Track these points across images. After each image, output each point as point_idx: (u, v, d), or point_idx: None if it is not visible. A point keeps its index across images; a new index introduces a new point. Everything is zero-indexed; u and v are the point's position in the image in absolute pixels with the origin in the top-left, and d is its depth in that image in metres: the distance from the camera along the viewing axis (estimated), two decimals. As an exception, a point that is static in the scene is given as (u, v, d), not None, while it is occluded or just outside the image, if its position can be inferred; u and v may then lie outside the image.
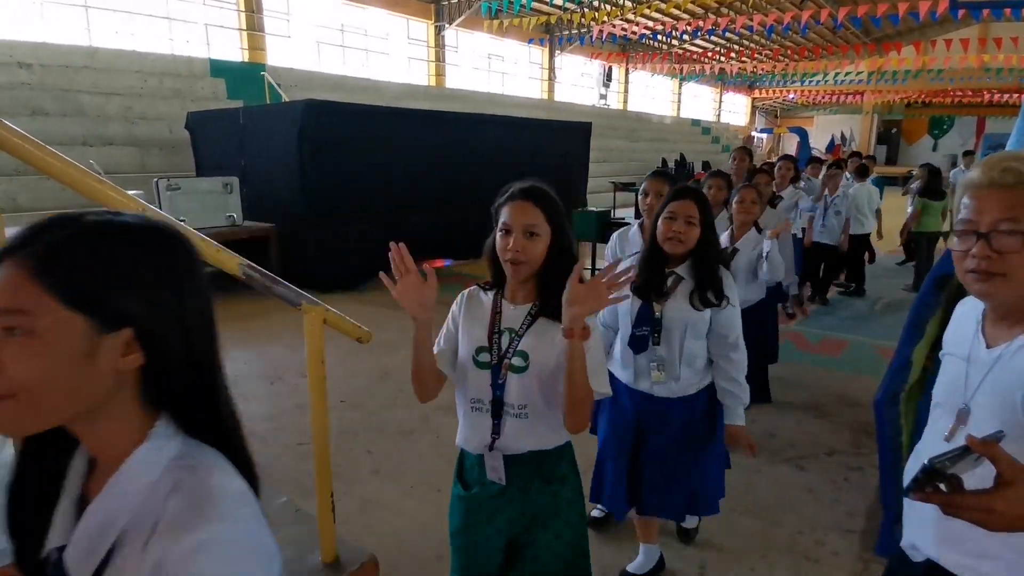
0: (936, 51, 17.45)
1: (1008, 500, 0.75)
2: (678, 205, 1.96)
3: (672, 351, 2.03)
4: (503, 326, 1.43)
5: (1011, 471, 0.75)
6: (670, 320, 2.00)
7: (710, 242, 1.99)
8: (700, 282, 1.98)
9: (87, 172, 1.26)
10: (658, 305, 2.01)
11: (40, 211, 7.67)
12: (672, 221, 1.97)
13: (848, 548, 2.59)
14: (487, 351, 1.44)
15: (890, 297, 7.10)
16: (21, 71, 9.25)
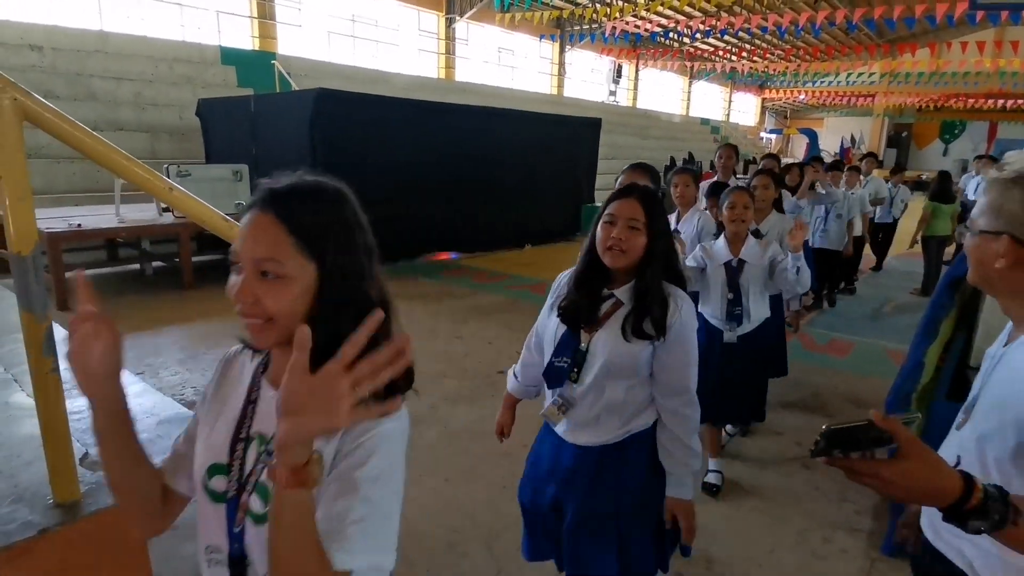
0: (951, 53, 17.33)
1: (896, 471, 0.81)
2: (619, 205, 1.54)
3: (591, 392, 1.57)
4: (254, 428, 0.89)
5: (908, 446, 0.81)
6: (595, 355, 1.55)
7: (657, 254, 1.53)
8: (638, 306, 1.51)
9: (115, 148, 1.26)
10: (587, 333, 1.57)
11: (52, 194, 7.71)
12: (611, 226, 1.53)
13: (855, 546, 2.59)
14: (224, 472, 0.88)
15: (899, 299, 7.08)
16: (33, 54, 9.27)
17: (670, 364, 1.53)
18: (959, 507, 0.82)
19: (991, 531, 0.83)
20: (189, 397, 3.81)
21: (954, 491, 0.82)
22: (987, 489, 0.83)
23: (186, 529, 1.99)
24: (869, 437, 0.82)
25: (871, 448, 0.82)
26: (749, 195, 2.86)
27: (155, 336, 4.95)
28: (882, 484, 0.82)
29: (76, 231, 5.73)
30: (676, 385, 1.55)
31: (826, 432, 0.82)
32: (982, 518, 0.81)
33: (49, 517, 1.36)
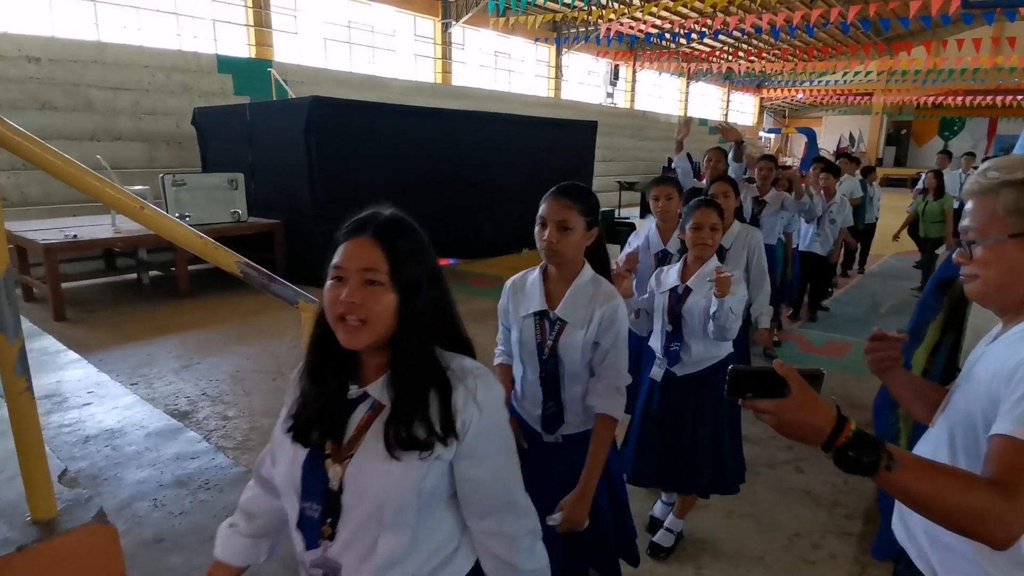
0: (948, 51, 17.32)
1: (778, 406, 0.92)
2: (346, 250, 1.03)
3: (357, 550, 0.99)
4: None
5: (795, 387, 0.93)
6: (353, 494, 0.97)
7: (414, 317, 0.99)
8: (398, 406, 0.97)
9: (87, 170, 1.27)
10: (336, 465, 0.99)
11: (48, 205, 7.73)
12: (340, 285, 1.00)
13: (845, 551, 2.59)
14: None
15: (896, 299, 7.07)
16: (30, 65, 9.30)
17: (478, 477, 1.01)
18: (832, 444, 0.91)
19: (864, 472, 0.90)
20: (182, 407, 3.82)
21: (827, 427, 0.91)
22: (860, 430, 0.92)
23: (170, 542, 2.00)
24: (772, 383, 0.93)
25: (774, 394, 0.93)
26: (718, 213, 2.31)
27: (150, 345, 4.96)
28: (771, 419, 0.93)
29: (72, 242, 5.75)
30: (491, 502, 1.04)
31: (731, 372, 0.95)
32: (856, 452, 0.90)
33: (26, 534, 1.37)
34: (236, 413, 3.76)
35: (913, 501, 0.91)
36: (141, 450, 2.45)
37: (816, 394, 0.95)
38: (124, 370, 4.34)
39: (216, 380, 4.28)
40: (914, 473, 0.89)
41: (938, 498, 0.88)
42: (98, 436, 2.53)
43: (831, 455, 0.92)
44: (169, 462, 2.38)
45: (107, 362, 4.32)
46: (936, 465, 0.93)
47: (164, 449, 2.45)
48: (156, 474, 2.30)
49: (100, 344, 4.92)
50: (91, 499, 1.47)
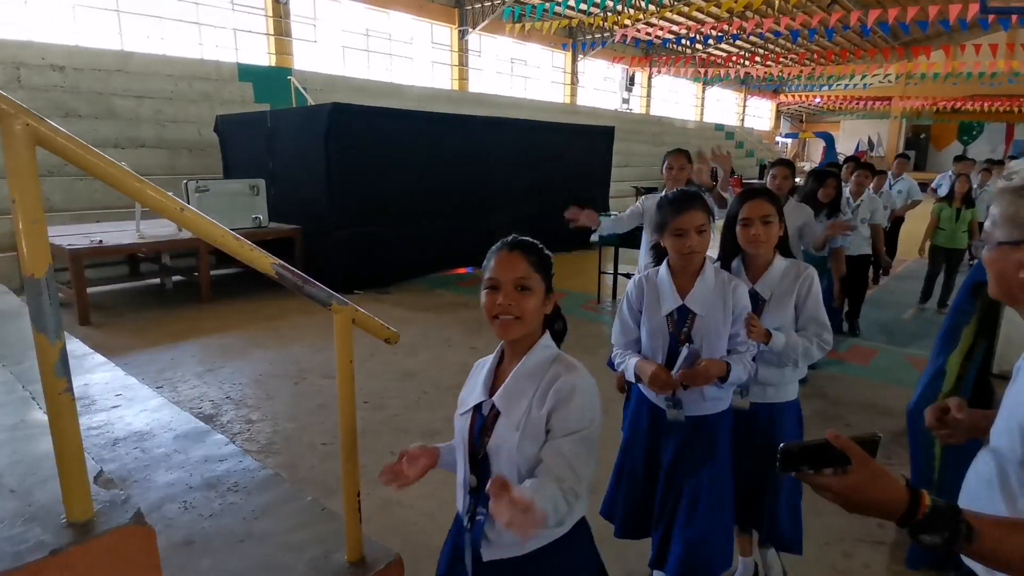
0: (965, 56, 17.10)
1: (843, 484, 0.87)
2: None
3: None
4: None
5: (857, 461, 0.88)
6: None
7: None
8: None
9: (128, 172, 1.28)
10: None
11: (73, 211, 7.86)
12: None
13: (879, 560, 2.53)
14: None
15: (922, 305, 6.95)
16: (54, 74, 9.49)
17: None
18: (908, 521, 0.85)
19: (945, 547, 0.84)
20: (207, 411, 3.85)
21: (900, 504, 0.86)
22: (936, 505, 0.85)
23: (200, 544, 2.00)
24: (828, 455, 0.89)
25: (836, 465, 0.88)
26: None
27: (174, 349, 5.01)
28: (834, 497, 0.88)
29: (97, 247, 5.83)
30: None
31: (782, 450, 0.91)
32: (932, 532, 0.84)
33: (62, 536, 1.37)
34: (259, 417, 3.78)
35: (997, 565, 0.87)
36: (170, 452, 2.46)
37: (883, 468, 0.89)
38: (149, 374, 4.38)
39: (239, 384, 4.31)
40: (995, 539, 0.85)
41: None
42: (127, 438, 2.55)
43: (906, 531, 0.87)
44: (197, 464, 2.38)
45: (132, 366, 4.37)
46: (1015, 523, 0.90)
47: (192, 452, 2.46)
48: (185, 476, 2.31)
49: (124, 348, 4.97)
50: (127, 500, 1.47)
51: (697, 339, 1.89)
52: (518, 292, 1.28)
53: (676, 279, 1.95)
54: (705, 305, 1.91)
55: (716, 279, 1.93)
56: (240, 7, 13.60)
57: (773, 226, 2.05)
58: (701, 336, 1.90)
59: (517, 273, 1.29)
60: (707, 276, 1.93)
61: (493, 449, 1.31)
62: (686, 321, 1.93)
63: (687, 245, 1.87)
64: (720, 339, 1.91)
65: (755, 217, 2.03)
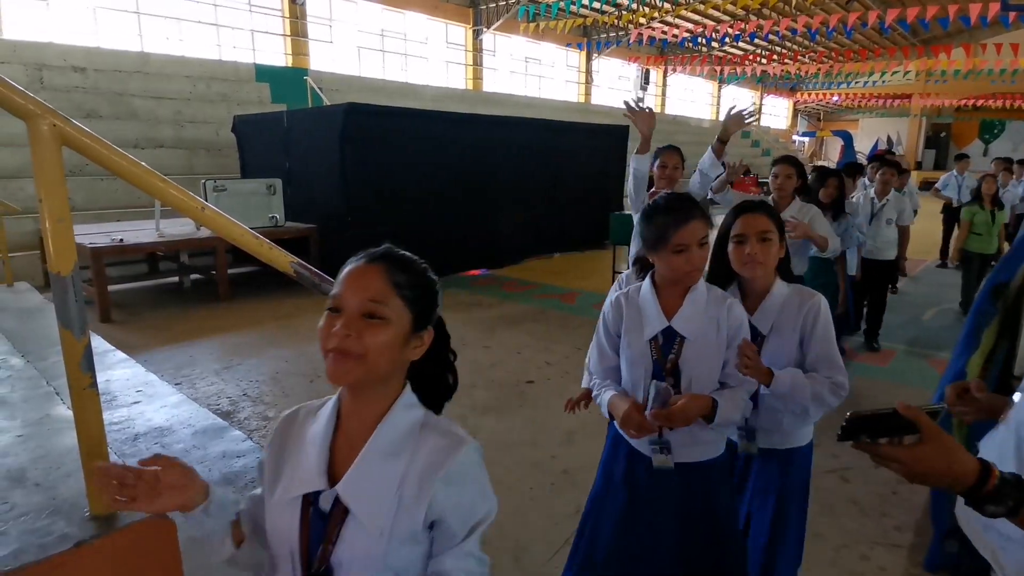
0: (986, 54, 16.81)
1: (915, 455, 0.88)
2: None
3: None
4: None
5: (928, 432, 0.88)
6: None
7: None
8: None
9: (151, 171, 1.30)
10: None
11: (94, 210, 7.99)
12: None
13: (896, 563, 2.50)
14: None
15: (941, 306, 6.85)
16: (75, 75, 9.66)
17: None
18: (975, 492, 0.87)
19: (1008, 516, 0.87)
20: (225, 407, 3.90)
21: (970, 476, 0.87)
22: (1003, 476, 0.88)
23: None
24: (893, 425, 0.90)
25: (896, 435, 0.90)
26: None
27: (191, 347, 5.08)
28: (902, 468, 0.89)
29: (118, 246, 5.93)
30: None
31: (849, 418, 0.91)
32: (997, 503, 0.87)
33: (85, 529, 1.40)
34: (276, 413, 3.82)
35: None
36: (189, 448, 2.50)
37: (953, 440, 0.90)
38: (167, 370, 4.45)
39: (256, 381, 4.36)
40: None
41: None
42: (148, 433, 2.59)
43: (968, 499, 0.89)
44: (216, 460, 2.42)
45: (151, 362, 4.43)
46: None
47: (210, 447, 2.50)
48: (204, 471, 2.34)
49: (144, 345, 5.05)
50: (149, 494, 1.49)
51: (686, 368, 1.59)
52: (364, 320, 0.91)
53: (662, 297, 1.64)
54: (695, 327, 1.59)
55: (708, 296, 1.63)
56: (257, 8, 13.74)
57: (772, 245, 1.72)
58: (691, 365, 1.59)
59: (368, 294, 0.92)
60: (698, 292, 1.61)
61: (342, 562, 0.91)
62: (673, 347, 1.60)
63: (690, 262, 1.55)
64: (712, 369, 1.61)
65: (750, 233, 1.72)
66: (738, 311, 1.63)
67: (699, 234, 1.55)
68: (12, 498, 1.53)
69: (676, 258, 1.55)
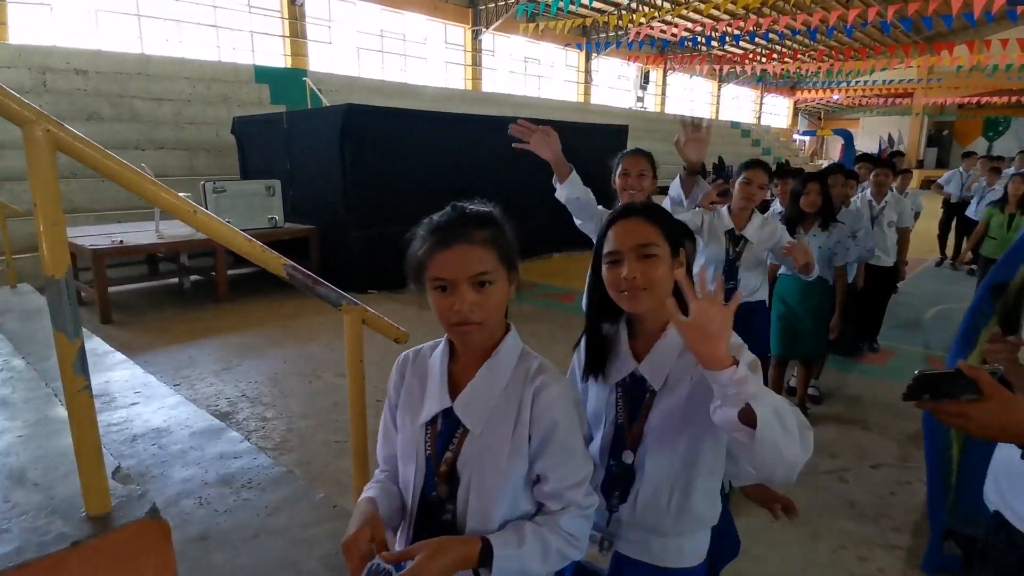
0: (991, 51, 16.78)
1: (981, 410, 0.94)
2: None
3: None
4: None
5: (990, 389, 0.94)
6: None
7: None
8: None
9: (144, 176, 1.31)
10: None
11: (95, 211, 8.01)
12: None
13: (894, 565, 2.50)
14: None
15: (942, 304, 6.84)
16: (78, 78, 9.68)
17: None
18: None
19: None
20: (223, 408, 3.91)
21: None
22: None
23: (215, 539, 2.04)
24: (956, 384, 0.95)
25: (958, 395, 0.95)
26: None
27: (191, 348, 5.09)
28: (966, 421, 0.95)
29: (119, 247, 5.94)
30: None
31: (916, 377, 0.96)
32: None
33: (82, 529, 1.41)
34: (275, 414, 3.83)
35: None
36: (186, 449, 2.51)
37: (1015, 396, 0.96)
38: (167, 371, 4.46)
39: (255, 382, 4.37)
40: None
41: None
42: (145, 435, 2.60)
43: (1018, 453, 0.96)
44: (213, 461, 2.43)
45: (151, 364, 4.45)
46: None
47: (208, 448, 2.51)
48: (201, 472, 2.35)
49: (144, 346, 5.06)
50: (144, 495, 1.50)
51: (466, 474, 1.08)
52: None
53: (457, 362, 1.15)
54: (480, 414, 1.09)
55: (516, 366, 1.12)
56: (256, 10, 13.76)
57: (659, 262, 1.16)
58: (473, 470, 1.08)
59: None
60: (499, 358, 1.11)
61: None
62: (453, 439, 1.09)
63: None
64: (507, 483, 1.07)
65: (625, 250, 1.18)
66: (553, 396, 1.07)
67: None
68: (14, 497, 1.54)
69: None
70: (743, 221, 2.96)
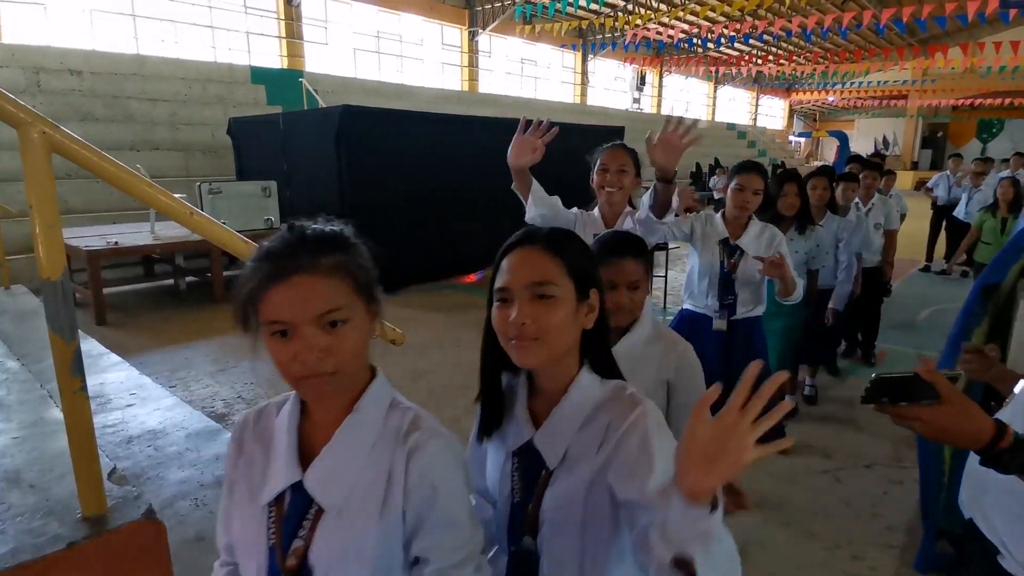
0: (985, 53, 16.88)
1: (936, 414, 0.94)
2: None
3: None
4: None
5: (947, 394, 0.94)
6: None
7: None
8: None
9: (139, 177, 1.31)
10: None
11: (91, 212, 7.99)
12: None
13: (887, 564, 2.52)
14: None
15: (935, 306, 6.88)
16: (72, 78, 9.65)
17: None
18: (992, 448, 0.93)
19: (1018, 473, 0.93)
20: (219, 410, 3.91)
21: (987, 433, 0.94)
22: (1019, 437, 0.94)
23: (210, 541, 2.04)
24: (914, 388, 0.94)
25: (916, 399, 0.95)
26: None
27: (187, 349, 5.08)
28: (922, 425, 0.95)
29: (114, 248, 5.93)
30: None
31: (873, 381, 0.96)
32: (1012, 459, 0.93)
33: (77, 531, 1.41)
34: (270, 416, 3.82)
35: None
36: (182, 450, 2.51)
37: (972, 401, 0.96)
38: (162, 373, 4.45)
39: (251, 384, 4.36)
40: None
41: None
42: (141, 436, 2.60)
43: (985, 456, 0.95)
44: (209, 462, 2.43)
45: (146, 365, 4.44)
46: None
47: (204, 450, 2.51)
48: (196, 474, 2.35)
49: (139, 348, 5.05)
50: (140, 496, 1.51)
51: (320, 566, 0.87)
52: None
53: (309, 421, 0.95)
54: (340, 490, 0.88)
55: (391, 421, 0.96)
56: (253, 10, 13.74)
57: (555, 307, 0.95)
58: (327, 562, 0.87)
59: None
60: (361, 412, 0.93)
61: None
62: (304, 523, 0.88)
63: None
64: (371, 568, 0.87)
65: (517, 287, 0.97)
66: (431, 456, 0.88)
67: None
68: (9, 499, 1.55)
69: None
70: (739, 229, 2.71)
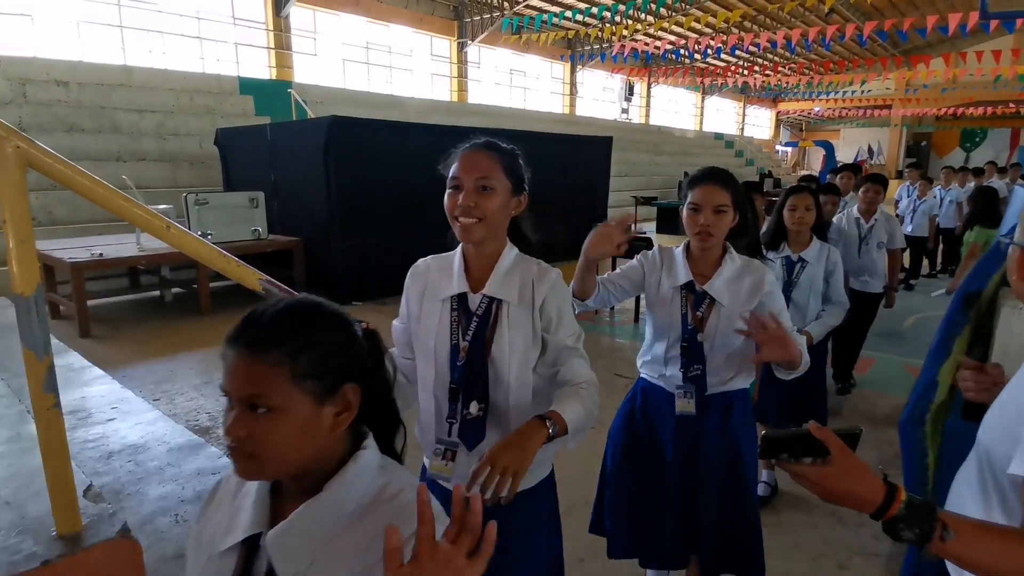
0: (967, 64, 17.16)
1: (820, 475, 0.90)
2: None
3: None
4: None
5: (836, 453, 0.90)
6: None
7: None
8: None
9: (114, 191, 1.30)
10: None
11: (76, 224, 7.91)
12: None
13: (872, 573, 2.53)
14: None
15: (921, 314, 6.94)
16: (58, 89, 9.59)
17: None
18: (881, 514, 0.88)
19: (918, 543, 0.87)
20: (204, 423, 3.86)
21: (874, 499, 0.88)
22: (911, 501, 0.88)
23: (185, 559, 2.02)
24: (806, 445, 0.91)
25: (811, 456, 0.91)
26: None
27: (172, 361, 5.03)
28: (811, 485, 0.91)
29: (98, 260, 5.87)
30: None
31: (764, 437, 0.93)
32: (906, 529, 0.87)
33: (51, 548, 1.39)
34: (256, 429, 3.79)
35: (970, 568, 0.88)
36: (163, 465, 2.48)
37: (861, 461, 0.92)
38: (147, 386, 4.40)
39: (236, 396, 4.32)
40: (969, 542, 0.86)
41: (995, 565, 0.86)
42: (121, 451, 2.56)
43: (883, 525, 0.90)
44: (190, 477, 2.40)
45: (131, 378, 4.39)
46: (990, 528, 0.90)
47: (185, 464, 2.48)
48: (177, 489, 2.32)
49: (124, 360, 5.00)
50: (115, 514, 1.49)
51: None
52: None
53: None
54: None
55: None
56: (241, 21, 13.74)
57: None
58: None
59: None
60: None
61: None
62: None
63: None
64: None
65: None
66: None
67: None
68: (-18, 518, 1.52)
69: None
70: (707, 268, 1.95)
